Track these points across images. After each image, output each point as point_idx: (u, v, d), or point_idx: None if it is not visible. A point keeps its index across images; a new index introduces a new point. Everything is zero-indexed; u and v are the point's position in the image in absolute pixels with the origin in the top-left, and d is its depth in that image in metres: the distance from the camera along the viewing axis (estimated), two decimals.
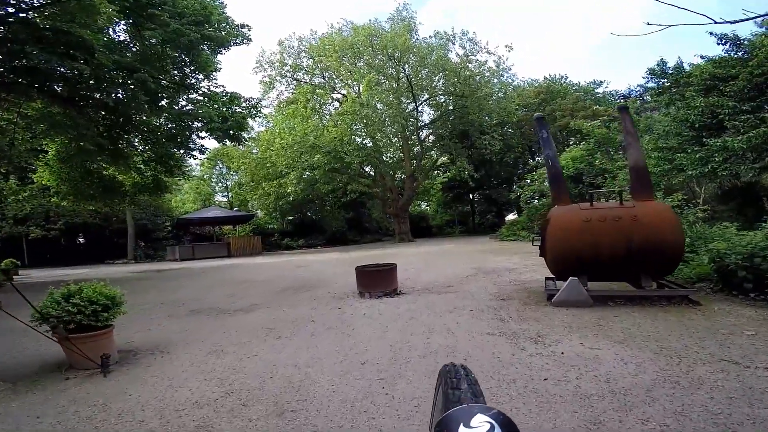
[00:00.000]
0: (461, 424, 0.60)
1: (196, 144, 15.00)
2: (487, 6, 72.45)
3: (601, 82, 31.89)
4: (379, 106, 24.05)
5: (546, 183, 19.23)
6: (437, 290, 6.97)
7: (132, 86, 13.06)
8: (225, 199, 32.51)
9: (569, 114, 27.52)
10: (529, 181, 24.49)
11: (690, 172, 10.72)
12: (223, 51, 15.05)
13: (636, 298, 5.36)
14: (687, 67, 13.74)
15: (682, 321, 4.49)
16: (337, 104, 26.45)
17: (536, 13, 77.27)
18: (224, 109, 14.42)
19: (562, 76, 32.06)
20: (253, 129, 26.35)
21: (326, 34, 26.63)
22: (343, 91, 26.45)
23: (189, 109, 14.16)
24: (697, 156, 10.78)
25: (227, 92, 14.98)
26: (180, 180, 20.73)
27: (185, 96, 14.70)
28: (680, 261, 5.25)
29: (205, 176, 31.32)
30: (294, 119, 21.87)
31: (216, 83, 15.13)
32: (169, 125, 14.88)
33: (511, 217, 32.70)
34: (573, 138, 19.49)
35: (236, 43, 14.97)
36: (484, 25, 72.29)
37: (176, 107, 14.54)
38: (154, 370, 4.08)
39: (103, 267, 20.21)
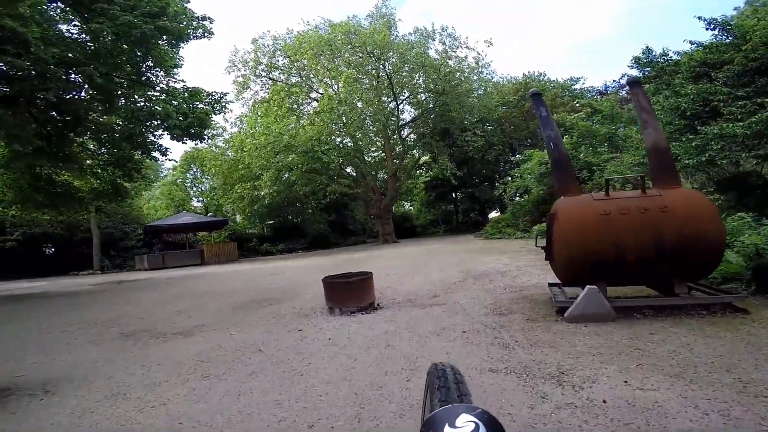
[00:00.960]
0: (446, 424, 0.58)
1: (154, 144, 13.40)
2: (464, 5, 71.81)
3: (578, 78, 31.29)
4: (359, 104, 22.77)
5: (531, 178, 18.28)
6: (421, 302, 5.72)
7: (79, 83, 11.56)
8: (201, 205, 30.60)
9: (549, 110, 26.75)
10: (510, 178, 23.59)
11: (687, 161, 9.76)
12: (182, 45, 13.59)
13: (665, 308, 4.23)
14: (673, 56, 12.95)
15: (740, 337, 3.35)
16: (315, 104, 25.07)
17: (512, 12, 77.27)
18: (184, 106, 12.93)
19: (541, 74, 31.35)
20: (225, 130, 24.78)
21: (302, 31, 25.24)
22: (321, 91, 25.10)
23: (143, 106, 12.57)
24: (693, 144, 9.84)
25: (188, 87, 13.50)
26: (141, 185, 18.95)
27: (141, 93, 13.16)
28: (721, 259, 4.13)
29: (178, 181, 29.33)
30: (268, 118, 20.36)
31: (176, 79, 13.65)
32: (126, 124, 13.29)
33: (494, 214, 31.87)
34: None
35: (197, 36, 13.53)
36: (462, 26, 71.73)
37: (132, 105, 13.00)
38: (14, 420, 2.80)
39: (65, 279, 18.31)
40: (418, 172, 31.52)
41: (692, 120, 10.74)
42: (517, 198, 22.24)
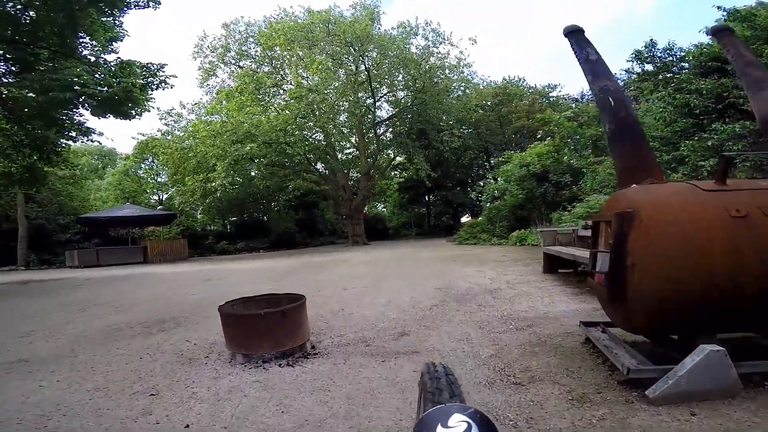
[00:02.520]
0: (439, 424, 0.56)
1: (73, 123, 10.78)
2: (459, 3, 69.55)
3: (555, 86, 30.17)
4: (332, 96, 20.47)
5: (511, 182, 16.50)
6: (381, 345, 3.55)
7: None
8: (157, 198, 27.25)
9: (526, 116, 25.42)
10: (487, 180, 21.94)
11: (701, 162, 8.13)
12: (120, 15, 11.07)
13: None
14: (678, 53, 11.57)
15: None
16: (286, 96, 22.58)
17: (510, 10, 76.48)
18: (112, 79, 10.38)
19: (520, 78, 30.01)
20: (182, 117, 21.82)
21: (278, 16, 22.80)
22: (293, 83, 22.64)
23: (60, 77, 9.86)
24: (708, 143, 8.24)
25: (120, 60, 10.98)
26: (78, 172, 15.99)
27: (63, 65, 10.54)
28: None
29: (130, 171, 25.87)
30: (230, 104, 17.76)
31: (112, 51, 11.11)
32: (36, 98, 10.58)
33: (465, 219, 30.27)
34: (540, 132, 17.21)
35: (138, 5, 11.03)
36: (455, 25, 69.64)
37: (49, 77, 10.32)
38: None
39: None
40: (393, 173, 29.55)
41: (700, 118, 9.20)
42: (489, 204, 20.52)
